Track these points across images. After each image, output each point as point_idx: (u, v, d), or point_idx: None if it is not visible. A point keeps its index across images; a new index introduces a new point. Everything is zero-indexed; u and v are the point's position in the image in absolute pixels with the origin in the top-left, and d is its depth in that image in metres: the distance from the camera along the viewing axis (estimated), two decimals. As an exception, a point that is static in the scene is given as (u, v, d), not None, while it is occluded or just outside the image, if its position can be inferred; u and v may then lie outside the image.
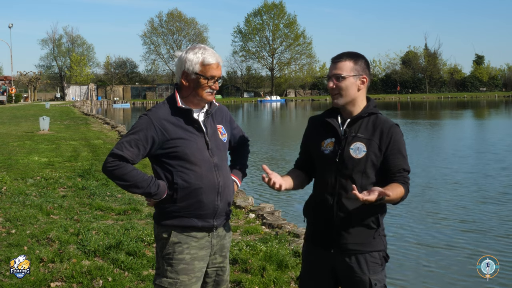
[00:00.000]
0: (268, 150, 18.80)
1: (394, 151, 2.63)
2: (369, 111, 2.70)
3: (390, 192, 2.45)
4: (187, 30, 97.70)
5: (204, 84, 2.74)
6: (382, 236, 2.71)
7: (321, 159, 2.73)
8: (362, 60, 2.71)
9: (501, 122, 33.80)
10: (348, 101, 2.69)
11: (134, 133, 2.71)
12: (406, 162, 2.68)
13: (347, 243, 2.65)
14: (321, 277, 2.74)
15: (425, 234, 7.75)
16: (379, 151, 2.63)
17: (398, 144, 2.64)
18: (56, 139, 17.39)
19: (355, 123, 2.70)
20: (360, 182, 2.61)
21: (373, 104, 2.75)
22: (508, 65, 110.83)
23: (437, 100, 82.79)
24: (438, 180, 12.14)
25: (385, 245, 2.72)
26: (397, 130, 2.68)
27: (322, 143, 2.73)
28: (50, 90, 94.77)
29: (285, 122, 38.96)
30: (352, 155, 2.63)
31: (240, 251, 5.31)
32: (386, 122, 2.68)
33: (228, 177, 2.87)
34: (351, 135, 2.66)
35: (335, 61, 2.71)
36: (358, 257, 2.64)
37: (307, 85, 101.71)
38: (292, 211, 9.22)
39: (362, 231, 2.64)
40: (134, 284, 4.58)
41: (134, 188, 2.71)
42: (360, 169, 2.62)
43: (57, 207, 7.37)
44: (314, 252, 2.78)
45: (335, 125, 2.71)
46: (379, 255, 2.68)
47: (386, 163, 2.63)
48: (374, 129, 2.66)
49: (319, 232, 2.73)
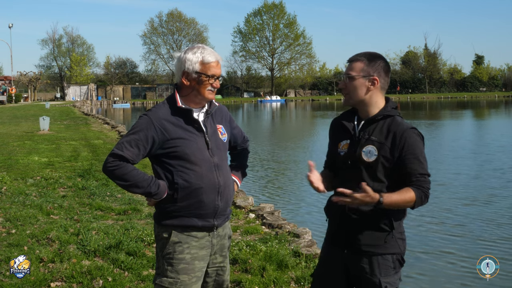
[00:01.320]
0: (268, 150, 18.80)
1: (408, 155, 2.55)
2: (386, 113, 2.64)
3: (358, 195, 2.44)
4: (187, 30, 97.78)
5: (205, 82, 2.74)
6: (398, 239, 2.64)
7: (337, 160, 2.73)
8: (378, 61, 2.67)
9: (500, 123, 33.79)
10: (357, 102, 2.67)
11: (134, 133, 2.71)
12: (423, 166, 2.57)
13: (359, 244, 2.63)
14: (334, 276, 2.74)
15: (425, 234, 7.75)
16: (390, 155, 2.57)
17: (413, 148, 2.56)
18: (56, 139, 17.39)
19: (370, 125, 2.65)
20: (371, 185, 2.55)
21: (392, 106, 2.68)
22: (508, 65, 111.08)
23: (437, 100, 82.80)
24: (437, 180, 12.15)
25: (401, 249, 2.66)
26: (412, 134, 2.59)
27: (339, 145, 2.73)
28: (50, 90, 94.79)
29: (285, 122, 38.95)
30: (363, 158, 2.60)
31: (240, 251, 5.31)
32: (401, 125, 2.60)
33: (228, 176, 2.87)
34: (365, 137, 2.63)
35: (350, 60, 2.70)
36: (371, 259, 2.62)
37: (307, 85, 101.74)
38: (292, 211, 9.23)
39: (374, 233, 2.61)
40: (134, 284, 4.58)
41: (135, 188, 2.71)
42: (370, 172, 2.60)
43: (57, 207, 7.37)
44: (329, 250, 2.79)
45: (349, 126, 2.70)
46: (393, 258, 2.64)
47: (402, 168, 2.57)
48: (388, 132, 2.60)
49: (334, 232, 2.75)
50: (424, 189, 2.55)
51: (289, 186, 11.83)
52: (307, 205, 9.67)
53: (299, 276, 4.72)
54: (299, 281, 4.65)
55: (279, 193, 11.11)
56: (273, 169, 14.31)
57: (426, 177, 2.57)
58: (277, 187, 11.79)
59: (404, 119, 2.68)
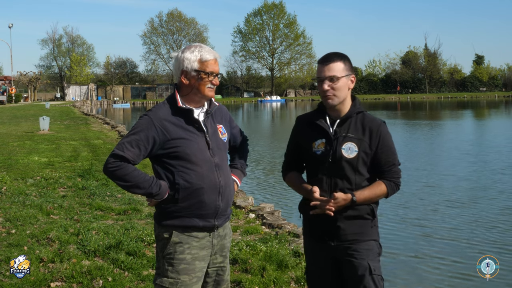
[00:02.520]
0: (268, 150, 18.80)
1: (384, 148, 2.76)
2: (357, 110, 2.79)
3: (333, 205, 2.67)
4: (187, 30, 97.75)
5: (205, 80, 2.75)
6: (376, 226, 2.84)
7: (313, 159, 2.81)
8: (348, 60, 2.79)
9: (500, 123, 33.78)
10: (341, 101, 2.77)
11: (135, 134, 2.71)
12: (396, 157, 2.82)
13: (346, 234, 2.76)
14: (326, 269, 2.84)
15: (425, 234, 7.75)
16: (369, 149, 2.74)
17: (387, 141, 2.77)
18: (56, 139, 17.38)
19: (344, 123, 2.78)
20: (354, 179, 2.74)
21: (359, 102, 2.84)
22: (508, 65, 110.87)
23: (437, 100, 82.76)
24: (436, 179, 12.15)
25: (378, 236, 2.85)
26: (385, 128, 2.79)
27: (313, 144, 2.80)
28: (50, 90, 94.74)
29: (285, 122, 38.94)
30: (344, 155, 2.73)
31: (240, 251, 5.31)
32: (374, 121, 2.78)
33: (228, 176, 2.87)
34: (342, 135, 2.75)
35: (325, 63, 2.75)
36: (357, 246, 2.75)
37: (307, 85, 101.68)
38: (292, 211, 9.23)
39: (359, 223, 2.77)
40: (134, 284, 4.58)
41: (136, 189, 2.71)
42: (353, 168, 2.73)
43: (57, 207, 7.37)
44: (315, 246, 2.87)
45: (325, 126, 2.78)
46: (375, 244, 2.81)
47: (378, 161, 2.76)
48: (363, 128, 2.75)
49: (319, 227, 2.82)
50: (394, 179, 2.80)
51: (289, 186, 11.82)
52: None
53: (299, 276, 4.72)
54: (299, 281, 4.65)
55: (279, 193, 11.11)
56: (273, 169, 14.31)
57: (398, 168, 2.82)
58: (277, 187, 11.79)
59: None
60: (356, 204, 2.71)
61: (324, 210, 2.70)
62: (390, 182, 2.78)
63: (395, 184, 2.79)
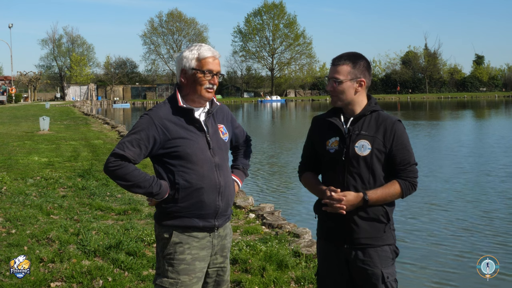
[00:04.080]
0: (268, 150, 18.79)
1: (399, 146, 2.70)
2: (371, 109, 2.76)
3: (341, 201, 2.65)
4: (187, 30, 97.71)
5: (201, 79, 2.73)
6: (392, 230, 2.77)
7: (327, 158, 2.78)
8: (361, 62, 2.75)
9: (500, 123, 33.78)
10: (346, 103, 2.76)
11: (135, 133, 2.71)
12: (412, 156, 2.75)
13: (359, 238, 2.71)
14: (338, 271, 2.80)
15: (424, 234, 7.75)
16: (383, 147, 2.69)
17: (402, 139, 2.71)
18: (56, 139, 17.38)
19: (358, 121, 2.75)
20: (367, 178, 2.70)
21: (374, 102, 2.81)
22: (508, 65, 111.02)
23: (437, 100, 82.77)
24: (436, 178, 12.15)
25: (394, 239, 2.79)
26: (400, 126, 2.74)
27: (327, 143, 2.78)
28: (50, 90, 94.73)
29: (285, 122, 38.94)
30: (357, 152, 2.69)
31: (240, 251, 5.31)
32: (389, 118, 2.74)
33: (229, 176, 2.87)
34: (355, 133, 2.72)
35: (334, 64, 2.76)
36: (370, 251, 2.70)
37: (307, 85, 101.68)
38: (292, 211, 9.23)
39: (372, 226, 2.71)
40: (134, 284, 4.58)
41: (136, 188, 2.70)
42: (367, 166, 2.69)
43: (57, 207, 7.37)
44: (328, 248, 2.83)
45: (338, 124, 2.76)
46: (390, 249, 2.76)
47: (393, 159, 2.71)
48: (377, 126, 2.72)
49: (332, 228, 2.79)
50: (410, 179, 2.72)
51: (289, 186, 11.82)
52: (307, 205, 9.66)
53: (299, 276, 4.72)
54: (299, 281, 4.65)
55: (279, 193, 11.11)
56: (273, 169, 14.30)
57: (414, 167, 2.75)
58: (277, 187, 11.79)
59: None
60: (369, 204, 2.65)
61: (335, 209, 2.66)
62: (405, 182, 2.71)
63: (410, 184, 2.72)
